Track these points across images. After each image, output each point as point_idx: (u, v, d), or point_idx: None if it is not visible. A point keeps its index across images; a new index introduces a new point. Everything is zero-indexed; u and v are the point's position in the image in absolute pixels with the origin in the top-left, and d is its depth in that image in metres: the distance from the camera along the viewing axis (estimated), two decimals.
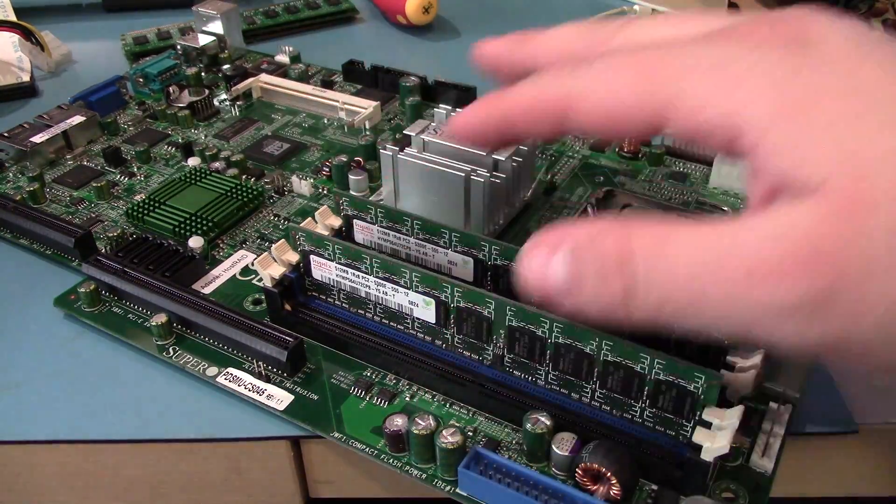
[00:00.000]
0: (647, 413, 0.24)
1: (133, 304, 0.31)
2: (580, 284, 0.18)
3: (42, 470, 0.28)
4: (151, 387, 0.29)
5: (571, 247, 0.19)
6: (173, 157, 0.41)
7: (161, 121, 0.44)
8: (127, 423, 0.28)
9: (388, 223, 0.29)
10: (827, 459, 0.28)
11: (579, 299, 0.19)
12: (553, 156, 0.40)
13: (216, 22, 0.50)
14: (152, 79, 0.46)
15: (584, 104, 0.20)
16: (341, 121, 0.43)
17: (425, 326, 0.27)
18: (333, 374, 0.28)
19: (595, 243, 0.18)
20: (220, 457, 0.28)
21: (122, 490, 0.29)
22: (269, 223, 0.36)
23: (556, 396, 0.25)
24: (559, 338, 0.24)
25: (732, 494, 0.24)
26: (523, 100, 0.22)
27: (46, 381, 0.29)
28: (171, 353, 0.29)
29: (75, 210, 0.37)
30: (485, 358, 0.26)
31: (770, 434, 0.25)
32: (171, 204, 0.36)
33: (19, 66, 0.51)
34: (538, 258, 0.19)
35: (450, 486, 0.24)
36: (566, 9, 0.59)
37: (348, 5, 0.58)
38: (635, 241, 0.18)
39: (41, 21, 0.55)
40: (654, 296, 0.17)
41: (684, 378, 0.22)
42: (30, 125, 0.42)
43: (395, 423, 0.25)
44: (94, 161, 0.41)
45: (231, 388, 0.28)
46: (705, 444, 0.22)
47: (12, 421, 0.28)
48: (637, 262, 0.18)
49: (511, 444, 0.26)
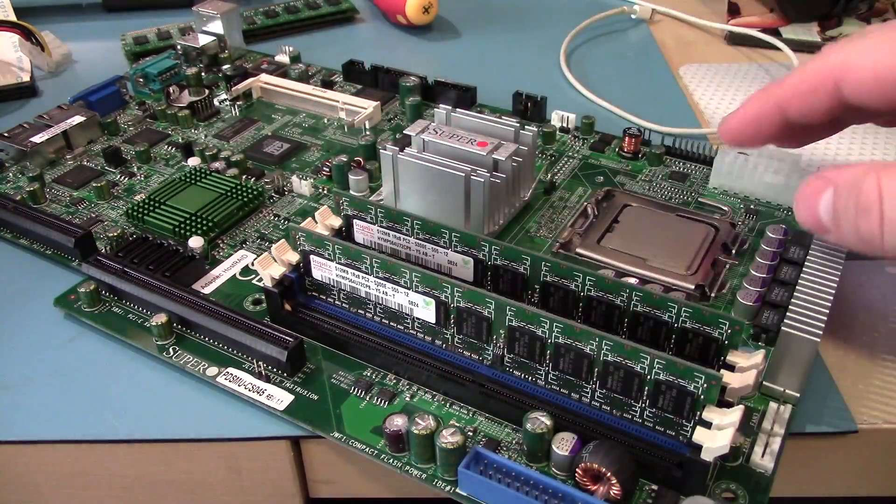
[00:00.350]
0: (647, 413, 0.24)
1: (133, 304, 0.31)
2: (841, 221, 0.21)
3: (42, 470, 0.28)
4: (151, 387, 0.29)
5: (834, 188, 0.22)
6: (173, 157, 0.41)
7: (161, 121, 0.44)
8: (127, 423, 0.28)
9: (388, 223, 0.29)
10: (827, 459, 0.28)
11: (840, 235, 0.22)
12: (553, 156, 0.40)
13: (216, 22, 0.50)
14: (152, 79, 0.46)
15: (855, 73, 0.22)
16: (341, 121, 0.43)
17: (425, 326, 0.27)
18: (333, 374, 0.28)
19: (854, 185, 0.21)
20: (220, 457, 0.28)
21: (122, 490, 0.29)
22: (269, 223, 0.36)
23: (556, 396, 0.25)
24: (559, 338, 0.24)
25: (732, 494, 0.24)
26: (793, 82, 0.23)
27: (46, 381, 0.29)
28: (171, 353, 0.29)
29: (75, 210, 0.37)
30: (485, 358, 0.26)
31: (770, 434, 0.25)
32: (171, 204, 0.36)
33: (19, 66, 0.51)
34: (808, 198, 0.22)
35: (450, 486, 0.24)
36: (566, 9, 0.59)
37: (348, 5, 0.58)
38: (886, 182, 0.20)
39: (41, 21, 0.55)
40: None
41: (684, 378, 0.22)
42: (30, 125, 0.42)
43: (395, 423, 0.25)
44: (94, 161, 0.41)
45: (231, 388, 0.28)
46: (705, 444, 0.22)
47: (12, 421, 0.28)
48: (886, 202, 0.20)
49: (511, 444, 0.26)
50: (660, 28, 0.57)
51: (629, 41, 0.55)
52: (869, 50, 0.22)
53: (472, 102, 0.44)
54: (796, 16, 0.54)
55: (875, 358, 0.29)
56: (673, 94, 0.48)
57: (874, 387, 0.28)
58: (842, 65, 0.23)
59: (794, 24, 0.54)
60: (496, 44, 0.55)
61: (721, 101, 0.47)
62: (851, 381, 0.28)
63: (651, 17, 0.58)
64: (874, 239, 0.21)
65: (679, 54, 0.53)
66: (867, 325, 0.30)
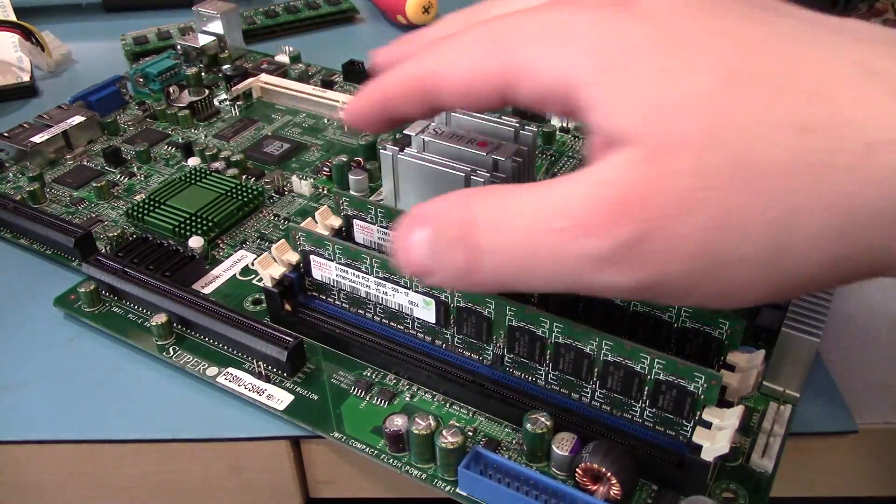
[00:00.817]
0: (647, 413, 0.24)
1: (133, 304, 0.31)
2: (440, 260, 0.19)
3: (42, 470, 0.28)
4: (151, 387, 0.29)
5: (430, 224, 0.19)
6: (173, 157, 0.41)
7: (161, 121, 0.44)
8: (127, 423, 0.28)
9: (388, 223, 0.29)
10: (827, 459, 0.28)
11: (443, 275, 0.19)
12: (553, 156, 0.40)
13: (216, 22, 0.50)
14: (152, 79, 0.46)
15: (446, 81, 0.21)
16: (341, 121, 0.43)
17: (425, 326, 0.27)
18: (333, 374, 0.28)
19: (441, 217, 0.19)
20: (220, 457, 0.28)
21: (122, 490, 0.29)
22: (269, 223, 0.36)
23: (556, 396, 0.25)
24: (559, 338, 0.24)
25: (732, 494, 0.24)
26: (397, 83, 0.22)
27: (46, 381, 0.29)
28: (171, 353, 0.29)
29: (75, 210, 0.37)
30: (485, 358, 0.26)
31: (770, 434, 0.25)
32: (171, 204, 0.36)
33: (19, 66, 0.51)
34: (403, 240, 0.20)
35: (450, 486, 0.24)
36: None
37: (348, 5, 0.58)
38: (477, 209, 0.19)
39: (41, 21, 0.55)
40: (497, 261, 0.18)
41: (684, 378, 0.22)
42: (30, 125, 0.42)
43: (395, 423, 0.25)
44: (94, 161, 0.41)
45: (231, 388, 0.28)
46: (705, 444, 0.22)
47: (12, 421, 0.28)
48: (479, 231, 0.18)
49: (511, 444, 0.26)
50: None
51: None
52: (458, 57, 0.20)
53: None
54: None
55: (875, 358, 0.29)
56: None
57: (874, 387, 0.28)
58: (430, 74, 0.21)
59: None
60: None
61: None
62: (851, 381, 0.28)
63: None
64: (474, 274, 0.18)
65: None
66: (867, 325, 0.30)
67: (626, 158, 0.17)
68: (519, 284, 0.19)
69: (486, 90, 0.20)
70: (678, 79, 0.17)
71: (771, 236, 0.16)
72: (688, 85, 0.17)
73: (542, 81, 0.19)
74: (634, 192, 0.17)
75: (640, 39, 0.18)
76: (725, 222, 0.16)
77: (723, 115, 0.16)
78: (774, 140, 0.16)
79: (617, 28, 0.18)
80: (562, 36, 0.19)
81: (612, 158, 0.17)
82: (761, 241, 0.16)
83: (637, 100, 0.17)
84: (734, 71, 0.17)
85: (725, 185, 0.16)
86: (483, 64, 0.20)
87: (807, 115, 0.16)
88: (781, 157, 0.16)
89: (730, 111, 0.16)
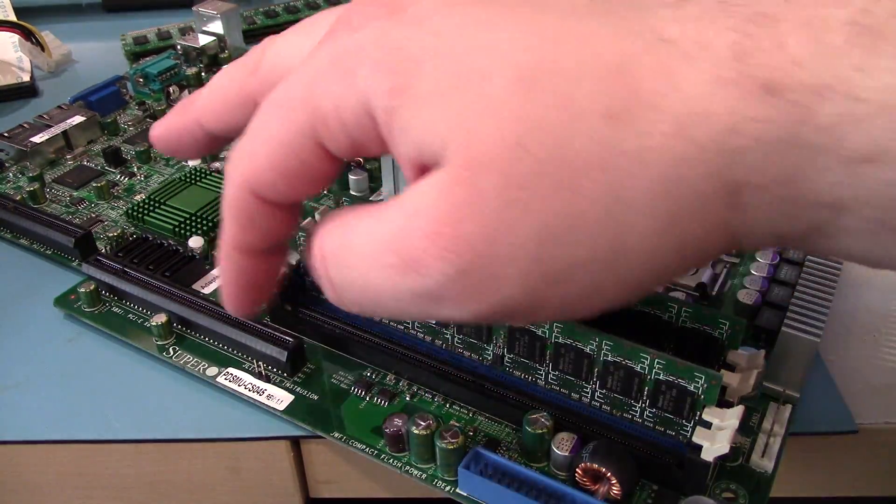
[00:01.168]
0: (647, 413, 0.24)
1: (133, 304, 0.31)
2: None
3: (42, 470, 0.28)
4: (151, 387, 0.29)
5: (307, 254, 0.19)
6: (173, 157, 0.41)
7: None
8: (127, 423, 0.28)
9: None
10: (827, 459, 0.28)
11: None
12: None
13: (216, 22, 0.50)
14: (152, 79, 0.46)
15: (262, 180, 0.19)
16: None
17: (425, 326, 0.27)
18: (333, 374, 0.28)
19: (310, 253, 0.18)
20: (220, 457, 0.28)
21: (122, 490, 0.29)
22: None
23: (556, 396, 0.25)
24: (559, 338, 0.24)
25: (732, 494, 0.24)
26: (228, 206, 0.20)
27: (46, 381, 0.29)
28: (171, 353, 0.29)
29: (75, 210, 0.37)
30: (485, 358, 0.26)
31: (770, 434, 0.25)
32: (171, 204, 0.36)
33: (19, 66, 0.51)
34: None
35: (450, 486, 0.24)
36: None
37: None
38: (326, 245, 0.18)
39: (41, 21, 0.55)
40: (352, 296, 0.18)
41: (684, 378, 0.22)
42: (30, 125, 0.42)
43: (395, 423, 0.25)
44: (94, 161, 0.41)
45: (231, 388, 0.28)
46: (705, 444, 0.22)
47: (12, 421, 0.28)
48: (329, 268, 0.18)
49: (511, 444, 0.25)
50: None
51: None
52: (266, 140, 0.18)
53: None
54: None
55: (875, 358, 0.29)
56: None
57: (874, 387, 0.28)
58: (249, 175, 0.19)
59: None
60: None
61: None
62: (851, 381, 0.28)
63: None
64: (344, 306, 0.18)
65: None
66: (867, 325, 0.30)
67: (434, 182, 0.16)
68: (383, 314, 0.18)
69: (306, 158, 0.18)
70: (469, 87, 0.16)
71: (603, 237, 0.15)
72: (480, 92, 0.15)
73: (346, 120, 0.17)
74: (446, 221, 0.15)
75: (420, 49, 0.16)
76: (550, 233, 0.15)
77: (521, 118, 0.15)
78: (581, 134, 0.15)
79: (394, 41, 0.17)
80: (349, 65, 0.17)
81: (422, 183, 0.16)
82: (594, 243, 0.15)
83: (435, 112, 0.16)
84: (523, 67, 0.15)
85: (540, 193, 0.15)
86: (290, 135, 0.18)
87: (609, 101, 0.15)
88: (592, 151, 0.15)
89: (528, 112, 0.15)
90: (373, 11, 0.18)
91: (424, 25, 0.17)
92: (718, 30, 0.15)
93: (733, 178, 0.15)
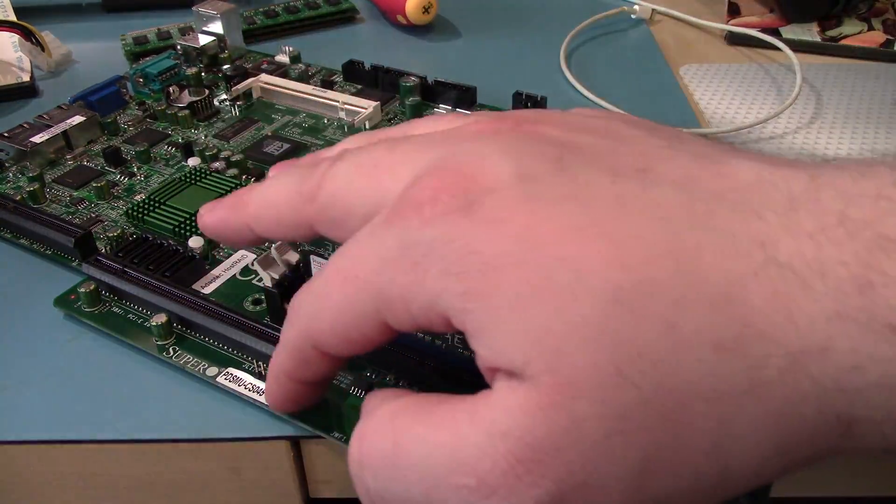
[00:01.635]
0: None
1: (133, 304, 0.31)
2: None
3: (42, 470, 0.28)
4: (151, 387, 0.29)
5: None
6: (173, 157, 0.41)
7: (161, 121, 0.44)
8: (127, 423, 0.28)
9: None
10: (827, 459, 0.28)
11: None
12: None
13: (216, 22, 0.50)
14: (152, 79, 0.46)
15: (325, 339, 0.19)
16: (341, 121, 0.43)
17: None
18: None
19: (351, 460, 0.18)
20: (220, 457, 0.28)
21: (122, 490, 0.29)
22: None
23: None
24: None
25: None
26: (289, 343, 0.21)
27: (46, 381, 0.29)
28: (171, 353, 0.29)
29: (75, 210, 0.37)
30: None
31: None
32: (171, 204, 0.36)
33: (19, 66, 0.51)
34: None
35: None
36: (566, 9, 0.59)
37: (348, 5, 0.58)
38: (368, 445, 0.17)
39: (41, 21, 0.55)
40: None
41: None
42: (30, 125, 0.42)
43: None
44: (94, 161, 0.41)
45: (231, 388, 0.28)
46: None
47: (12, 421, 0.28)
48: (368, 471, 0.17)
49: None
50: (660, 28, 0.57)
51: (629, 41, 0.55)
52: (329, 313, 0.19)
53: (472, 102, 0.44)
54: (796, 16, 0.54)
55: None
56: (673, 94, 0.48)
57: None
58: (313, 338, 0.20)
59: (794, 25, 0.54)
60: (496, 44, 0.55)
61: (721, 102, 0.47)
62: None
63: (651, 17, 0.58)
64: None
65: (679, 54, 0.53)
66: None
67: (522, 402, 0.15)
68: None
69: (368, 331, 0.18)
70: (556, 303, 0.14)
71: (708, 468, 0.15)
72: (569, 311, 0.14)
73: (413, 312, 0.17)
74: (541, 446, 0.14)
75: (496, 256, 0.15)
76: (652, 464, 0.14)
77: (619, 343, 0.14)
78: (688, 364, 0.14)
79: (468, 242, 0.16)
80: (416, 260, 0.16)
81: (506, 400, 0.15)
82: (698, 474, 0.15)
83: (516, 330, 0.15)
84: (618, 286, 0.14)
85: (643, 425, 0.14)
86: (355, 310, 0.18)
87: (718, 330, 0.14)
88: (699, 383, 0.14)
89: (627, 338, 0.14)
90: (445, 202, 0.16)
91: (503, 228, 0.15)
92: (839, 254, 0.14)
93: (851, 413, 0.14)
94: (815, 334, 0.14)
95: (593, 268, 0.14)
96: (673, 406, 0.14)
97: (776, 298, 0.14)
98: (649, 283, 0.14)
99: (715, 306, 0.14)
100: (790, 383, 0.14)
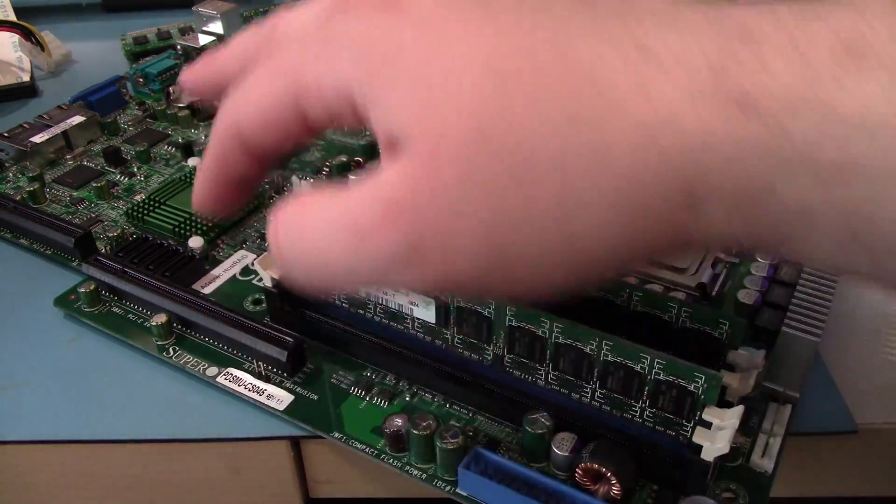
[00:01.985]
0: (647, 413, 0.24)
1: (133, 304, 0.31)
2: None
3: (42, 470, 0.28)
4: (151, 387, 0.29)
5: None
6: (173, 157, 0.41)
7: (161, 121, 0.44)
8: (127, 423, 0.28)
9: None
10: (827, 459, 0.28)
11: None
12: None
13: (216, 22, 0.50)
14: (152, 79, 0.46)
15: (247, 125, 0.21)
16: None
17: (425, 326, 0.27)
18: (333, 374, 0.28)
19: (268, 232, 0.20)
20: (220, 457, 0.28)
21: (122, 490, 0.29)
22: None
23: (556, 396, 0.25)
24: (559, 338, 0.24)
25: (732, 494, 0.24)
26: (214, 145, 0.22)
27: (46, 381, 0.29)
28: (171, 353, 0.29)
29: (75, 210, 0.37)
30: (485, 358, 0.26)
31: (770, 434, 0.25)
32: (171, 204, 0.36)
33: (19, 66, 0.51)
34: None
35: (450, 486, 0.24)
36: None
37: None
38: (281, 214, 0.19)
39: (41, 21, 0.55)
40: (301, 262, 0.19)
41: (684, 378, 0.22)
42: (30, 125, 0.42)
43: (395, 423, 0.25)
44: (94, 161, 0.41)
45: (231, 388, 0.28)
46: (705, 444, 0.22)
47: (12, 421, 0.28)
48: (280, 234, 0.19)
49: (511, 444, 0.25)
50: None
51: None
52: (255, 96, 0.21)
53: None
54: None
55: (875, 358, 0.29)
56: None
57: (874, 387, 0.28)
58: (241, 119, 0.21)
59: None
60: None
61: None
62: (851, 381, 0.28)
63: None
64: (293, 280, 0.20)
65: None
66: (867, 326, 0.30)
67: (398, 169, 0.17)
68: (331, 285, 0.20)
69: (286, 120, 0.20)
70: (444, 77, 0.17)
71: (553, 230, 0.16)
72: (453, 84, 0.16)
73: (326, 95, 0.19)
74: (408, 196, 0.17)
75: (404, 40, 0.18)
76: (503, 221, 0.16)
77: (489, 112, 0.16)
78: (543, 131, 0.16)
79: (384, 31, 0.18)
80: (336, 48, 0.19)
81: (387, 170, 0.17)
82: (543, 232, 0.16)
83: (406, 99, 0.17)
84: (495, 63, 0.16)
85: (498, 184, 0.16)
86: (277, 96, 0.20)
87: (576, 102, 0.16)
88: (552, 150, 0.16)
89: (496, 108, 0.16)
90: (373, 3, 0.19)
91: (411, 20, 0.18)
92: (701, 44, 0.15)
93: (695, 185, 0.15)
94: (666, 110, 0.15)
95: (479, 48, 0.17)
96: (525, 168, 0.16)
97: (634, 76, 0.15)
98: (522, 59, 0.16)
99: (575, 80, 0.16)
100: (639, 154, 0.15)
